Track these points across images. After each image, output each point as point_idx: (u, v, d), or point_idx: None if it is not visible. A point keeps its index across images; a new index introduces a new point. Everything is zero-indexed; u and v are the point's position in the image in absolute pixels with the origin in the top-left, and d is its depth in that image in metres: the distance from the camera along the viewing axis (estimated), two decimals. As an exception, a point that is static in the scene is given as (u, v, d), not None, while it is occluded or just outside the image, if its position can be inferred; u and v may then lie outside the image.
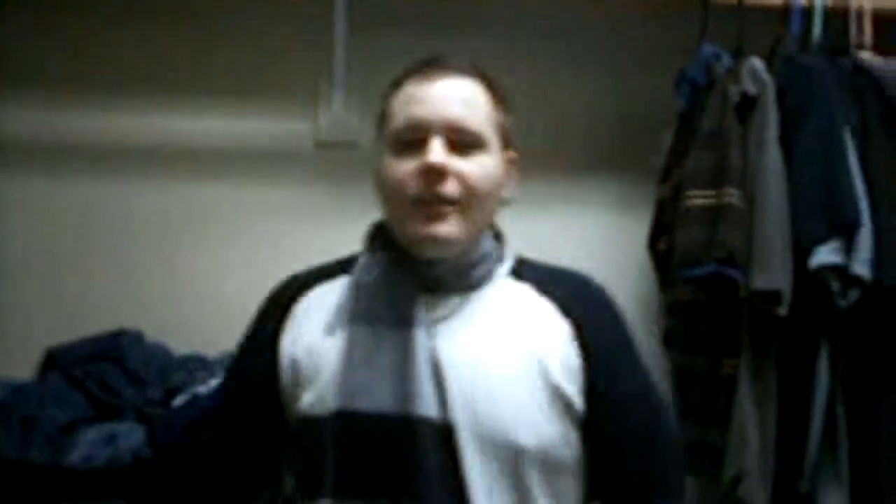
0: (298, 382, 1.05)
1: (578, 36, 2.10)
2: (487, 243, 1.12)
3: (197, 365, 1.82)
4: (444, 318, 1.06)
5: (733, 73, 1.81)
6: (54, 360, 1.83)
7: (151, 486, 1.58)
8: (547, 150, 2.09)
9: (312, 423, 1.02)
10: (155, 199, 2.02)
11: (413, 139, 1.05)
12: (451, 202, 1.03)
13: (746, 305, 1.73)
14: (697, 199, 1.74)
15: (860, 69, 1.80)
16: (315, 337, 1.07)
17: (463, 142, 1.05)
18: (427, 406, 0.98)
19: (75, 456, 1.64)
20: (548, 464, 1.02)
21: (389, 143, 1.08)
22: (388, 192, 1.07)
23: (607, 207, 2.16)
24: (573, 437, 1.05)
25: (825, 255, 1.65)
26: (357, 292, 1.07)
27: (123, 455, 1.61)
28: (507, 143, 1.13)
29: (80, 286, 2.00)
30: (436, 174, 1.02)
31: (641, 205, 2.06)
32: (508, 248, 1.20)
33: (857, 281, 1.64)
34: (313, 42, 2.02)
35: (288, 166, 2.04)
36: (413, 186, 1.03)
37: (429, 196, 1.02)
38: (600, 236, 2.15)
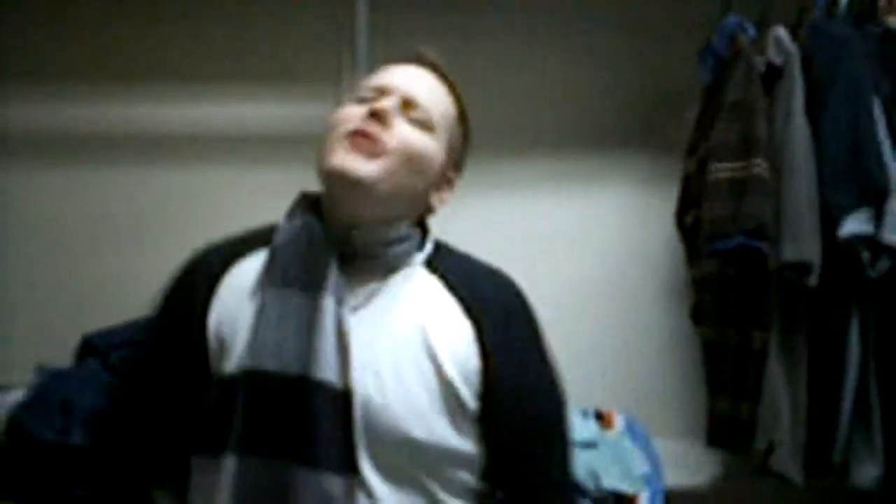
0: (221, 350, 1.05)
1: (601, 11, 2.09)
2: (408, 228, 1.11)
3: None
4: (357, 304, 1.05)
5: (758, 44, 1.79)
6: (90, 347, 1.86)
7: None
8: (572, 127, 2.09)
9: (225, 383, 1.02)
10: (181, 184, 2.05)
11: (371, 97, 1.08)
12: (379, 146, 1.03)
13: (775, 277, 1.72)
14: (724, 171, 1.73)
15: (889, 36, 1.77)
16: (239, 305, 1.06)
17: (414, 118, 1.07)
18: (327, 370, 0.99)
19: (112, 440, 1.67)
20: (438, 455, 1.02)
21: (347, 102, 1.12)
22: (330, 127, 1.08)
23: (634, 183, 2.15)
24: (467, 432, 1.05)
25: (854, 224, 1.63)
26: (273, 255, 1.07)
27: (160, 437, 1.64)
28: (452, 160, 1.16)
29: (114, 271, 2.03)
30: (377, 118, 1.04)
31: (668, 180, 2.05)
32: (431, 239, 1.18)
33: (887, 250, 1.62)
34: (335, 25, 2.03)
35: (310, 150, 2.04)
36: (353, 122, 1.05)
37: (363, 129, 1.04)
38: (628, 212, 2.15)
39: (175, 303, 1.15)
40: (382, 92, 1.07)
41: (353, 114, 1.06)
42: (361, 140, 1.03)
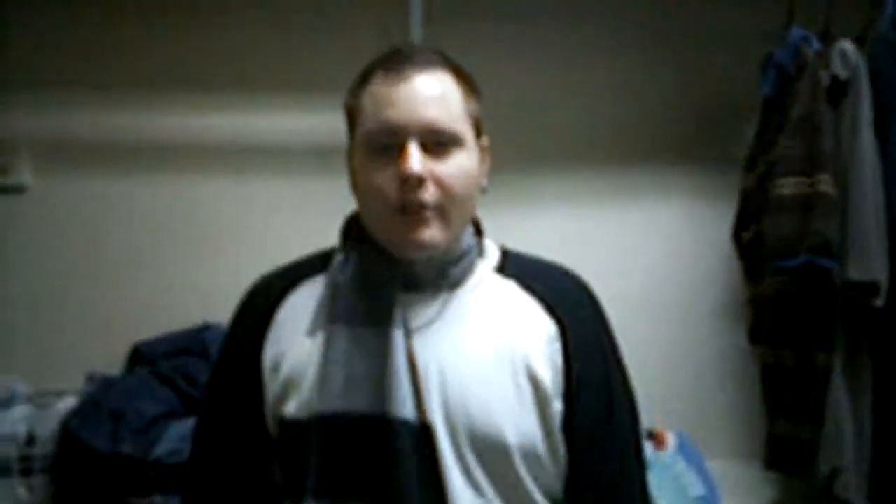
0: (283, 390, 1.03)
1: (658, 21, 2.06)
2: (467, 240, 1.08)
3: (280, 359, 1.84)
4: (426, 322, 1.03)
5: (823, 57, 1.75)
6: (141, 355, 1.87)
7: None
8: (627, 138, 2.06)
9: (295, 427, 1.00)
10: (230, 194, 2.05)
11: (388, 143, 1.00)
12: (431, 208, 0.99)
13: (840, 296, 1.67)
14: (788, 187, 1.69)
15: (959, 49, 1.72)
16: (297, 342, 1.04)
17: (439, 142, 1.00)
18: (403, 407, 0.97)
19: (162, 449, 1.67)
20: (532, 459, 1.00)
21: (363, 144, 1.03)
22: (367, 198, 1.03)
23: (688, 197, 2.11)
24: (554, 432, 1.01)
25: (923, 243, 1.59)
26: (335, 292, 1.04)
27: (211, 448, 1.63)
28: (479, 131, 1.08)
29: (164, 281, 2.03)
30: (414, 182, 0.98)
31: (723, 194, 2.01)
32: (490, 241, 1.15)
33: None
34: (388, 38, 2.02)
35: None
36: (392, 194, 0.99)
37: (409, 203, 0.98)
38: (681, 227, 2.11)
39: (234, 338, 1.13)
40: (400, 133, 0.99)
41: (384, 179, 0.99)
42: (411, 217, 0.99)
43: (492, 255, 1.12)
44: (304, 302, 1.07)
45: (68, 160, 2.02)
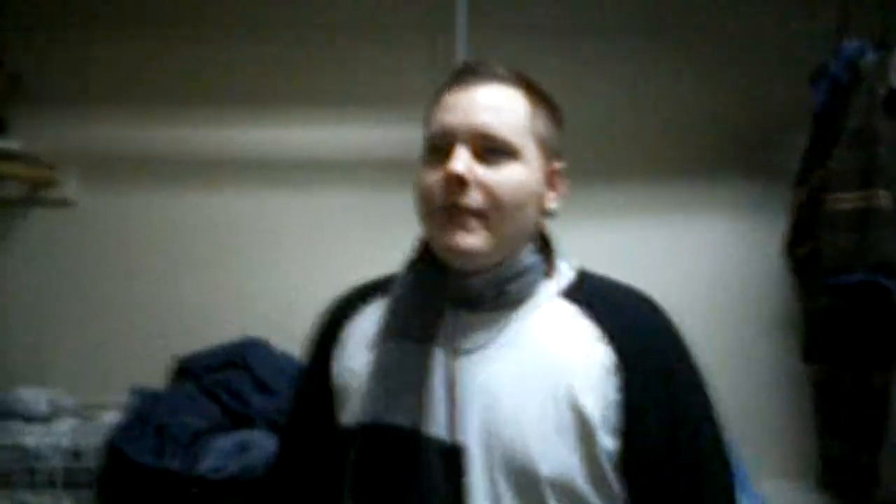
0: (341, 400, 1.07)
1: (706, 32, 2.03)
2: (529, 258, 1.05)
3: (323, 374, 1.83)
4: (476, 345, 1.02)
5: (879, 69, 1.70)
6: (184, 369, 1.87)
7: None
8: (674, 150, 2.03)
9: (345, 435, 1.03)
10: (274, 207, 2.06)
11: (441, 146, 1.02)
12: (474, 213, 0.99)
13: (898, 314, 1.62)
14: (843, 202, 1.65)
15: None
16: (359, 356, 1.07)
17: (491, 149, 1.00)
18: (436, 425, 0.97)
19: (206, 464, 1.66)
20: (567, 493, 0.96)
21: (423, 151, 1.06)
22: (419, 200, 1.05)
23: (737, 211, 2.06)
24: (602, 469, 0.97)
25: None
26: (392, 306, 1.06)
27: (255, 464, 1.62)
28: (549, 153, 1.07)
29: (205, 295, 2.05)
30: (457, 183, 0.98)
31: (773, 208, 1.97)
32: (565, 261, 1.12)
33: None
34: (433, 47, 2.02)
35: (407, 174, 2.02)
36: (438, 195, 1.00)
37: (451, 205, 0.99)
38: (731, 241, 2.07)
39: (310, 351, 1.18)
40: (450, 136, 1.01)
41: (433, 181, 1.01)
42: (455, 217, 0.99)
43: (563, 277, 1.09)
44: (371, 318, 1.10)
45: (114, 175, 2.05)
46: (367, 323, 1.10)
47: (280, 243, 2.05)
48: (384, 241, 2.01)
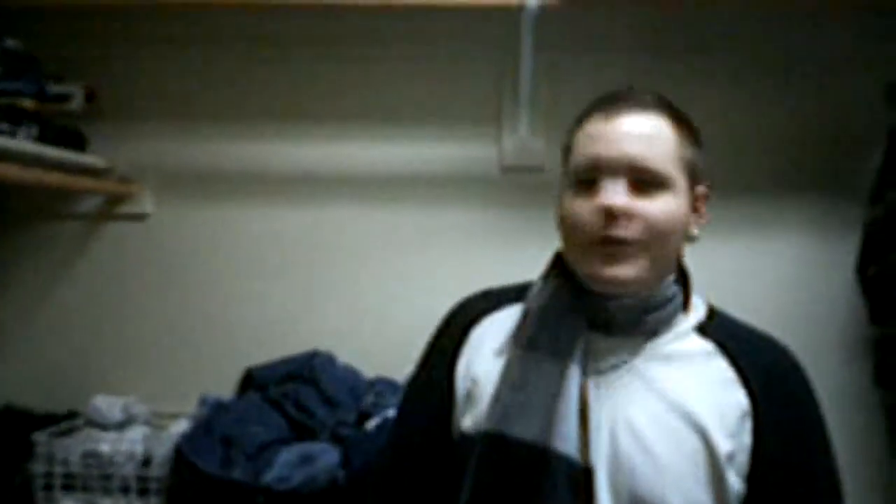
0: (466, 404, 1.06)
1: (778, 45, 1.98)
2: (671, 288, 1.06)
3: (386, 388, 1.85)
4: (610, 368, 1.02)
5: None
6: (252, 380, 1.91)
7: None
8: (743, 167, 1.98)
9: (466, 442, 1.03)
10: (344, 224, 2.08)
11: (592, 178, 1.02)
12: (629, 244, 0.99)
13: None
14: (919, 222, 1.60)
15: None
16: (486, 361, 1.07)
17: (644, 181, 1.00)
18: (567, 444, 0.96)
19: (271, 476, 1.69)
20: None
21: (570, 180, 1.06)
22: (568, 230, 1.05)
23: (808, 230, 2.00)
24: None
25: None
26: (526, 318, 1.07)
27: (319, 476, 1.64)
28: (695, 178, 1.07)
29: (275, 307, 2.09)
30: (613, 215, 0.98)
31: (846, 227, 1.92)
32: (698, 292, 1.12)
33: None
34: (498, 65, 2.02)
35: (473, 191, 2.05)
36: (591, 227, 1.00)
37: (606, 238, 0.99)
38: (801, 262, 2.00)
39: (433, 349, 1.18)
40: (602, 167, 1.01)
41: (585, 211, 1.01)
42: (608, 251, 1.00)
43: (697, 312, 1.09)
44: (500, 324, 1.11)
45: (188, 189, 2.10)
46: (498, 329, 1.10)
47: (348, 260, 2.08)
48: (451, 259, 2.04)
